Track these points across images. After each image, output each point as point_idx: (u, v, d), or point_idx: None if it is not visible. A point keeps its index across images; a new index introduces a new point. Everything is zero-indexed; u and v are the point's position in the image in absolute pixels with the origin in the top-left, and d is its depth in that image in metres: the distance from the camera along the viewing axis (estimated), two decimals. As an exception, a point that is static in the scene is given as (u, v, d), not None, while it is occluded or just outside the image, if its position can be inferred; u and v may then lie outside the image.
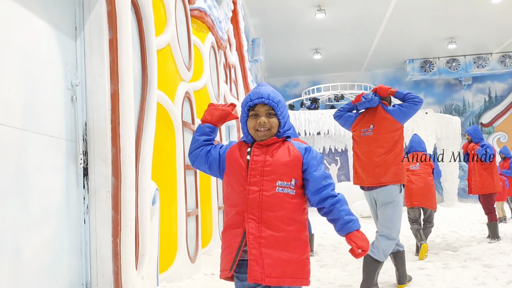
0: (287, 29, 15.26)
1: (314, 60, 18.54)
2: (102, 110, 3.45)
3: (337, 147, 19.29)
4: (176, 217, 4.52)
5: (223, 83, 7.87)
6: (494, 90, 20.17)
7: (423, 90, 20.41)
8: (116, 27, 3.57)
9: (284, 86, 21.14)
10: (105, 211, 3.39)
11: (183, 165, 4.69)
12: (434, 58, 19.09)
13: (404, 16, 14.58)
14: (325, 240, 7.84)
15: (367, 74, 20.67)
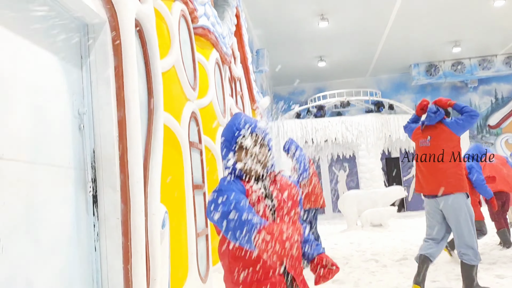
0: (291, 38, 15.30)
1: (319, 68, 18.55)
2: (109, 137, 3.46)
3: (345, 154, 19.24)
4: (186, 238, 4.52)
5: (229, 97, 7.90)
6: (501, 92, 20.07)
7: (429, 94, 20.34)
8: (121, 54, 3.60)
9: (290, 94, 21.17)
10: (115, 238, 3.40)
11: (192, 185, 4.69)
12: (439, 62, 19.04)
13: (408, 21, 14.57)
14: (336, 252, 7.81)
15: (372, 80, 20.64)
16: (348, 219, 11.57)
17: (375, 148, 14.96)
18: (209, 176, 5.58)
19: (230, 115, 7.96)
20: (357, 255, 7.29)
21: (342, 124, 15.21)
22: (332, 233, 11.11)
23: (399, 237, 9.23)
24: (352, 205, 11.48)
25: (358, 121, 15.12)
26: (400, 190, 11.56)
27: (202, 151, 5.35)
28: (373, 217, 10.98)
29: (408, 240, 8.66)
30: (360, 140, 15.01)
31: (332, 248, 8.40)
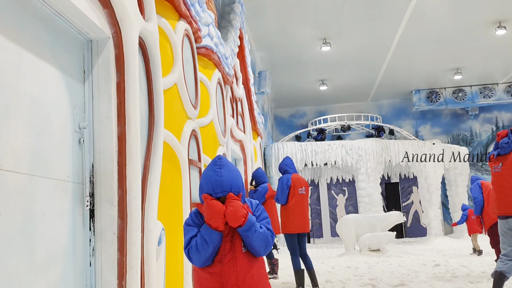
0: (293, 62, 15.43)
1: (320, 91, 18.67)
2: (109, 152, 3.48)
3: (344, 178, 19.24)
4: (182, 256, 4.49)
5: (230, 117, 7.93)
6: (501, 120, 20.15)
7: (430, 121, 20.42)
8: (123, 70, 3.64)
9: (291, 116, 21.25)
10: (111, 253, 3.38)
11: (189, 203, 4.69)
12: (440, 89, 19.16)
13: (410, 47, 14.71)
14: (333, 276, 7.73)
15: (373, 105, 20.74)
16: (346, 243, 11.49)
17: (374, 172, 14.95)
18: (208, 194, 5.58)
19: (230, 134, 7.99)
20: (354, 279, 7.22)
21: (342, 147, 15.24)
22: (330, 257, 11.03)
23: (396, 263, 9.16)
24: (350, 229, 11.41)
25: (358, 145, 15.16)
26: (399, 216, 11.51)
27: (201, 169, 5.35)
28: (371, 242, 10.90)
29: (406, 266, 8.59)
30: (359, 164, 15.02)
31: (329, 271, 8.33)
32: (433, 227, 15.33)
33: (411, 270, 8.12)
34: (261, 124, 12.01)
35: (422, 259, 9.72)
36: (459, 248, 12.21)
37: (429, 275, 7.45)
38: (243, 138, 9.24)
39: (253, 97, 10.75)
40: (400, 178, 19.57)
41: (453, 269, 7.93)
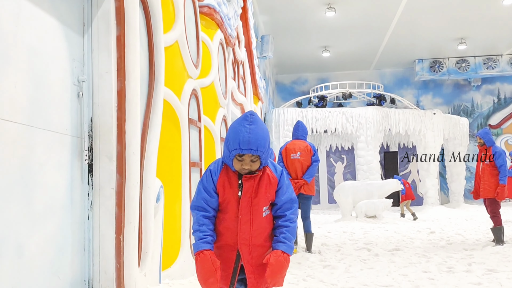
0: (296, 27, 15.20)
1: (323, 58, 18.47)
2: (108, 106, 3.45)
3: (343, 145, 19.24)
4: (180, 215, 4.52)
5: (231, 80, 7.85)
6: (504, 92, 20.03)
7: (432, 90, 20.29)
8: (124, 24, 3.57)
9: (292, 83, 21.09)
10: (109, 208, 3.40)
11: (189, 162, 4.68)
12: (444, 59, 18.95)
13: (414, 16, 14.47)
14: (329, 240, 7.82)
15: (376, 73, 20.56)
16: (342, 209, 11.59)
17: (374, 140, 14.93)
18: (207, 154, 5.56)
19: (231, 97, 7.93)
20: (349, 243, 7.30)
21: (342, 115, 15.18)
22: (326, 222, 11.13)
23: (392, 229, 9.26)
24: (347, 196, 11.49)
25: (359, 113, 15.09)
26: (397, 183, 11.56)
27: (201, 129, 5.33)
28: (368, 209, 11.00)
29: (401, 232, 8.68)
30: (359, 132, 14.98)
31: (325, 236, 8.42)
32: (429, 196, 15.43)
33: (406, 236, 8.21)
34: (262, 89, 11.92)
35: (418, 227, 9.82)
36: (455, 217, 12.33)
37: (424, 241, 7.54)
38: (244, 101, 9.18)
39: (255, 61, 10.63)
40: (399, 147, 19.59)
41: (448, 237, 8.01)
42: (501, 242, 6.93)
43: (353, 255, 6.22)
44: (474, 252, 6.32)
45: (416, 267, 5.27)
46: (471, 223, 10.59)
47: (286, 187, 2.43)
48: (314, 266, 5.38)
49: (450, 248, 6.71)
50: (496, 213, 7.04)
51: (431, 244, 7.17)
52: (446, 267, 5.22)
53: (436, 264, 5.45)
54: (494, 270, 4.99)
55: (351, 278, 4.73)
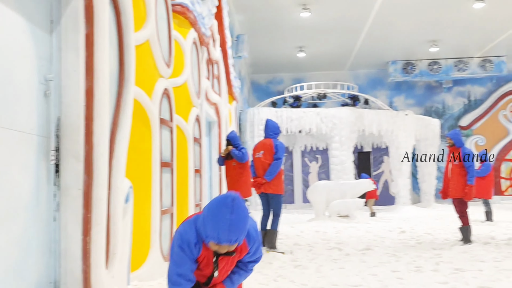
0: (272, 27, 15.24)
1: (298, 58, 18.57)
2: (76, 106, 3.39)
3: (318, 146, 19.38)
4: (150, 216, 4.48)
5: (205, 79, 7.83)
6: (474, 94, 20.46)
7: (404, 92, 20.60)
8: (93, 22, 3.52)
9: (268, 82, 21.15)
10: (76, 209, 3.34)
11: (159, 162, 4.65)
12: (416, 60, 19.26)
13: (388, 18, 14.67)
14: (301, 239, 7.87)
15: (350, 74, 20.77)
16: (316, 208, 11.67)
17: (348, 141, 15.09)
18: (179, 155, 5.53)
19: (205, 97, 7.90)
20: (321, 243, 7.36)
21: (317, 115, 15.29)
22: (300, 222, 11.20)
23: (364, 229, 9.37)
24: (321, 195, 11.57)
25: (333, 114, 15.22)
26: (369, 183, 11.71)
27: (173, 129, 5.30)
28: (341, 208, 11.09)
29: (372, 232, 8.79)
30: (334, 132, 15.11)
31: (298, 235, 8.46)
32: (401, 196, 15.67)
33: (378, 236, 8.32)
34: (237, 88, 11.91)
35: (389, 226, 9.96)
36: (425, 217, 12.54)
37: (395, 241, 7.65)
38: (218, 101, 9.16)
39: (230, 60, 10.62)
40: (372, 147, 19.82)
41: (417, 236, 8.15)
42: (468, 242, 7.07)
43: (325, 254, 6.27)
44: (442, 251, 6.43)
45: (386, 267, 5.34)
46: (441, 222, 10.79)
47: (254, 251, 2.49)
48: (285, 266, 5.40)
49: (419, 248, 6.83)
50: (464, 213, 7.18)
51: (401, 244, 7.28)
52: (414, 267, 5.31)
53: (405, 263, 5.54)
54: (461, 269, 5.10)
55: (322, 278, 4.77)
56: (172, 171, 5.18)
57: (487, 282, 4.44)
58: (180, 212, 5.49)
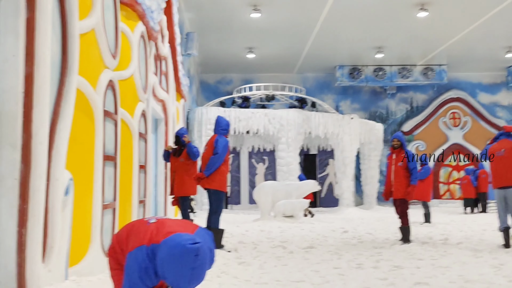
0: (222, 26, 15.21)
1: (247, 59, 18.61)
2: (13, 92, 3.25)
3: (265, 147, 19.49)
4: (91, 209, 4.35)
5: (152, 75, 7.70)
6: (416, 101, 21.21)
7: (350, 97, 21.09)
8: (34, 6, 3.38)
9: (217, 82, 21.08)
10: (11, 199, 3.20)
11: (102, 155, 4.52)
12: (363, 66, 19.75)
13: (336, 23, 14.96)
14: (246, 238, 7.88)
15: (298, 77, 21.03)
16: (262, 208, 11.72)
17: (294, 142, 15.28)
18: (123, 149, 5.40)
19: (152, 93, 7.77)
20: (266, 241, 7.40)
21: (265, 116, 15.39)
22: (245, 222, 11.22)
23: (308, 228, 9.50)
24: (267, 195, 11.64)
25: (281, 115, 15.37)
26: (314, 184, 11.89)
27: (118, 122, 5.17)
28: (286, 208, 11.20)
29: (316, 231, 8.93)
30: (281, 134, 15.26)
31: (242, 234, 8.47)
32: (345, 197, 16.01)
33: (321, 235, 8.45)
34: (186, 87, 11.79)
35: (332, 226, 10.15)
36: (368, 218, 12.87)
37: (337, 240, 7.80)
38: (166, 98, 9.03)
39: (178, 57, 10.50)
40: (318, 150, 20.15)
41: (359, 236, 8.34)
42: (407, 241, 7.30)
43: (269, 252, 6.30)
44: (382, 250, 6.61)
45: (328, 264, 5.43)
46: (382, 223, 11.09)
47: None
48: (229, 263, 5.38)
49: (361, 246, 6.99)
50: (405, 213, 7.41)
51: (343, 243, 7.43)
52: (356, 264, 5.42)
53: (347, 261, 5.65)
54: (400, 266, 5.25)
55: (265, 274, 4.79)
56: (116, 165, 5.05)
57: (424, 279, 4.60)
58: (123, 207, 5.36)
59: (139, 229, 2.31)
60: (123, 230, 2.42)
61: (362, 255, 6.11)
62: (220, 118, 7.08)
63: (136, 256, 2.20)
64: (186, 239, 2.12)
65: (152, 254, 2.19)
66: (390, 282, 4.45)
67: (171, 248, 2.11)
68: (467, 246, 6.90)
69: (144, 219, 2.45)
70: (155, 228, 2.26)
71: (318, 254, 6.21)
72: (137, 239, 2.25)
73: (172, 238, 2.15)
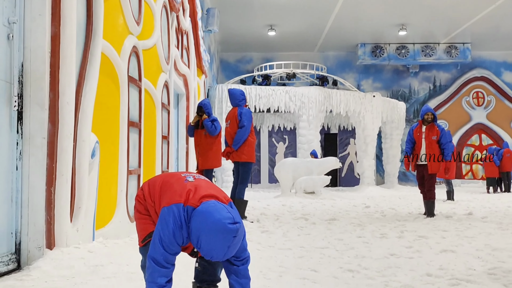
0: (242, 2, 15.07)
1: (268, 37, 18.45)
2: (40, 52, 3.26)
3: (286, 126, 19.43)
4: (117, 174, 4.38)
5: (174, 48, 7.67)
6: (439, 79, 20.83)
7: (372, 75, 20.81)
8: (60, -34, 3.37)
9: (237, 61, 20.99)
10: (39, 158, 3.23)
11: (127, 121, 4.54)
12: (385, 44, 19.44)
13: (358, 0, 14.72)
14: (268, 211, 7.90)
15: (320, 55, 20.81)
16: (282, 185, 11.72)
17: (316, 120, 15.17)
18: (147, 117, 5.41)
19: (174, 67, 7.75)
20: (288, 214, 7.40)
21: (286, 93, 15.29)
22: (266, 198, 11.24)
23: (329, 204, 9.48)
24: (288, 172, 11.62)
25: (302, 92, 15.25)
26: (335, 161, 11.81)
27: (141, 89, 5.17)
28: (307, 184, 11.17)
29: (338, 206, 8.90)
30: (302, 111, 15.15)
31: (264, 208, 8.48)
32: (366, 176, 15.90)
33: (343, 209, 8.42)
34: (207, 62, 11.75)
35: (354, 202, 10.10)
36: (389, 196, 12.78)
37: (360, 213, 7.75)
38: (187, 72, 9.01)
39: (199, 32, 10.44)
40: (339, 129, 20.01)
41: (382, 210, 8.28)
42: (432, 215, 7.23)
43: (291, 223, 6.30)
44: (406, 222, 6.56)
45: (351, 234, 5.41)
46: (404, 200, 11.00)
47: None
48: (252, 231, 5.39)
49: (384, 219, 6.94)
50: (432, 187, 7.34)
51: (366, 216, 7.39)
52: (379, 234, 5.39)
53: (371, 231, 5.62)
54: (424, 236, 5.20)
55: (288, 241, 4.79)
56: (140, 132, 5.07)
57: (450, 247, 4.54)
58: (147, 175, 5.39)
59: (175, 186, 2.28)
60: (157, 182, 2.37)
61: (386, 226, 6.07)
62: (232, 90, 7.06)
63: (173, 212, 2.17)
64: (226, 217, 2.08)
65: (187, 214, 2.17)
66: (416, 250, 4.41)
67: (211, 223, 2.07)
68: (492, 220, 6.80)
69: (181, 174, 2.39)
70: (193, 188, 2.22)
71: (341, 225, 6.18)
72: (174, 196, 2.21)
73: (211, 211, 2.10)
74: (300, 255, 4.10)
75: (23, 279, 2.81)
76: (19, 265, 3.14)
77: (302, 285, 3.04)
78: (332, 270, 3.49)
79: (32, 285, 2.68)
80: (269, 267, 3.53)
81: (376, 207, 8.93)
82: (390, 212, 8.09)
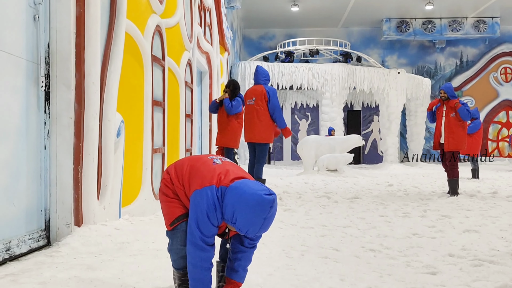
0: (265, -23, 14.91)
1: (291, 13, 18.26)
2: (66, 32, 3.30)
3: (309, 103, 19.35)
4: (142, 153, 4.45)
5: (197, 25, 7.66)
6: (466, 55, 20.39)
7: (397, 51, 20.47)
8: None
9: (260, 38, 20.86)
10: (66, 137, 3.30)
11: (151, 100, 4.58)
12: (411, 19, 19.05)
13: (385, -28, 14.41)
14: (290, 189, 7.93)
15: (343, 31, 20.53)
16: (305, 162, 11.73)
17: (339, 97, 15.06)
18: (170, 96, 5.45)
19: (197, 44, 7.75)
20: (310, 192, 7.43)
21: (309, 70, 15.18)
22: (288, 175, 11.27)
23: (352, 181, 9.46)
24: (310, 150, 11.61)
25: (325, 69, 15.12)
26: (359, 139, 11.74)
27: (165, 68, 5.20)
28: (330, 162, 11.16)
29: (360, 184, 8.88)
30: (325, 88, 15.05)
31: (287, 185, 8.52)
32: (389, 154, 15.79)
33: (366, 188, 8.41)
34: (229, 40, 11.71)
35: (377, 180, 10.06)
36: (412, 174, 12.68)
37: (382, 192, 7.73)
38: (210, 50, 9.00)
39: (222, 9, 10.39)
40: (362, 106, 19.83)
41: (405, 189, 8.24)
42: (455, 194, 7.17)
43: (313, 201, 6.32)
44: (429, 201, 6.52)
45: (373, 212, 5.41)
46: (428, 178, 10.91)
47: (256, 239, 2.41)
48: (275, 209, 5.43)
49: (406, 198, 6.91)
50: (455, 165, 7.26)
51: (388, 194, 7.36)
52: (402, 213, 5.38)
53: (393, 210, 5.61)
54: (447, 216, 5.17)
55: (311, 220, 4.82)
56: (164, 111, 5.12)
57: (473, 227, 4.51)
58: (171, 153, 5.46)
59: (205, 169, 2.28)
60: (184, 165, 2.36)
61: (408, 205, 6.05)
62: (260, 67, 7.05)
63: (207, 194, 2.18)
64: (261, 189, 2.09)
65: (221, 195, 2.19)
66: (439, 229, 4.40)
67: (247, 195, 2.06)
68: (518, 200, 6.71)
69: (208, 157, 2.40)
70: (224, 171, 2.24)
71: (363, 204, 6.18)
72: (206, 178, 2.22)
73: (246, 186, 2.12)
74: (322, 233, 4.13)
75: (53, 255, 2.91)
76: (49, 241, 3.24)
77: (324, 264, 3.07)
78: (353, 249, 3.51)
79: (62, 262, 2.77)
80: (292, 246, 3.57)
81: (399, 186, 8.89)
82: (413, 190, 8.05)
